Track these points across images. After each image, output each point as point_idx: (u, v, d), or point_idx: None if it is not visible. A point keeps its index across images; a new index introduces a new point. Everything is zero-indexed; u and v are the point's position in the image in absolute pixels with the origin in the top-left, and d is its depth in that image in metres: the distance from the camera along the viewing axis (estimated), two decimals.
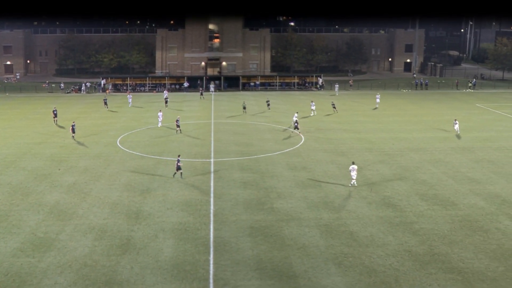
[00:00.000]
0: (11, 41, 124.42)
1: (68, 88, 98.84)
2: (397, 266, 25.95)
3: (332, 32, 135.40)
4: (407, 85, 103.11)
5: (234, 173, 41.78)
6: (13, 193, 36.80)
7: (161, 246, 28.13)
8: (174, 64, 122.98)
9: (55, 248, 27.79)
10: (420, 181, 39.67)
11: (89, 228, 30.52)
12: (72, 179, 40.01)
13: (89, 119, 66.74)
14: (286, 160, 45.66)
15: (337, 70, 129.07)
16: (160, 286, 24.03)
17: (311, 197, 35.97)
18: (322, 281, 24.44)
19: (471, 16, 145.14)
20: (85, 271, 25.30)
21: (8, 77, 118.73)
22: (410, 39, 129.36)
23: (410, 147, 50.74)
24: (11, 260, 26.43)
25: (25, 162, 45.15)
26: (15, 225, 30.98)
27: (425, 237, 29.32)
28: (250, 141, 53.16)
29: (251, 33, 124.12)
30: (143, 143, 52.15)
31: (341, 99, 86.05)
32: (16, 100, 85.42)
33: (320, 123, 63.68)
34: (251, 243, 28.49)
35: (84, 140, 53.79)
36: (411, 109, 75.49)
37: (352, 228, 30.53)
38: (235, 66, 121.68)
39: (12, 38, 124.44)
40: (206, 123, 63.36)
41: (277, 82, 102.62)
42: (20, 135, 56.16)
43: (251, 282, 24.42)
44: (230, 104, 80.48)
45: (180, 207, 33.98)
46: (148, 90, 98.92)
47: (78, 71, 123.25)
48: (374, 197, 36.04)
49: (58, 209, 33.66)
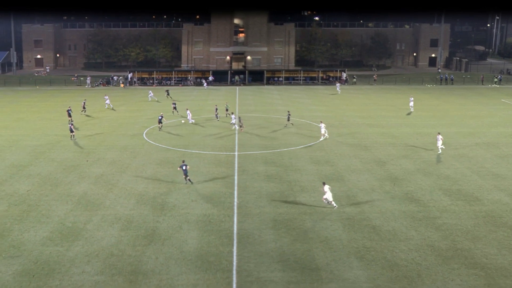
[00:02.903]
0: (41, 35, 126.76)
1: (96, 81, 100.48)
2: (420, 260, 25.93)
3: (357, 26, 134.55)
4: (432, 80, 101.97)
5: (258, 166, 42.12)
6: (42, 183, 37.75)
7: (186, 237, 28.52)
8: (200, 58, 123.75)
9: (82, 238, 28.37)
10: (443, 176, 39.47)
11: (116, 218, 31.14)
12: (99, 171, 40.85)
13: (116, 112, 67.84)
14: (310, 154, 45.84)
15: (361, 65, 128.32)
16: (184, 276, 24.35)
17: (334, 191, 35.92)
18: (344, 274, 24.56)
19: (498, 10, 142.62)
20: (111, 261, 25.78)
21: (38, 71, 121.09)
22: (436, 33, 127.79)
23: (434, 142, 50.25)
24: (40, 249, 27.05)
25: (55, 153, 46.22)
26: (45, 214, 31.76)
27: (448, 232, 29.23)
28: (274, 135, 53.45)
29: (275, 27, 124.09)
30: (168, 136, 52.85)
31: (365, 94, 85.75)
32: (46, 93, 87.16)
33: (344, 117, 63.62)
34: (274, 236, 28.75)
35: (111, 132, 54.79)
36: (435, 104, 74.78)
37: (375, 222, 30.60)
38: (259, 60, 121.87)
39: (42, 33, 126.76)
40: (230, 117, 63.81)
41: (301, 77, 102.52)
42: (49, 127, 57.41)
43: (274, 273, 24.63)
44: (254, 98, 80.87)
45: (205, 199, 34.43)
46: (173, 83, 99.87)
47: (106, 65, 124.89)
48: (397, 191, 36.01)
49: (86, 199, 34.42)
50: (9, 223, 30.35)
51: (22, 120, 62.30)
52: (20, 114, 65.49)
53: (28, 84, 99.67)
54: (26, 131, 55.87)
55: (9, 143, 50.11)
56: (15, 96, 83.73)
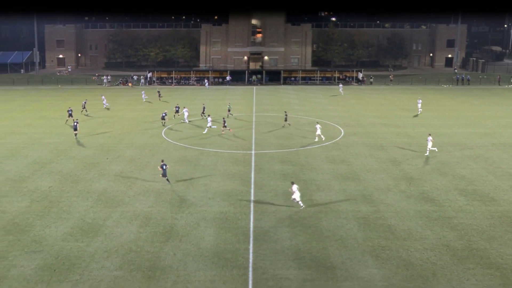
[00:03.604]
0: (63, 35, 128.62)
1: (116, 80, 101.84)
2: (435, 260, 25.97)
3: (373, 27, 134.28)
4: (448, 81, 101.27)
5: (274, 165, 42.45)
6: (64, 180, 38.50)
7: (203, 234, 28.85)
8: (218, 58, 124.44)
9: (102, 234, 28.86)
10: (459, 176, 39.43)
11: (135, 215, 31.63)
12: (119, 168, 41.50)
13: (135, 110, 68.69)
14: (325, 153, 46.05)
15: (378, 65, 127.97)
16: (201, 272, 24.63)
17: (350, 190, 36.30)
18: (359, 273, 24.68)
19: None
20: (130, 256, 26.16)
21: (60, 70, 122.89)
22: (452, 34, 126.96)
23: (450, 142, 50.27)
24: (61, 244, 27.54)
25: (75, 151, 47.05)
26: (66, 210, 32.38)
27: (463, 232, 29.25)
28: (290, 134, 53.72)
29: (293, 28, 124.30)
30: (186, 134, 53.42)
31: (381, 94, 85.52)
32: (68, 92, 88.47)
33: (360, 117, 63.65)
34: (289, 234, 28.99)
35: (130, 131, 55.54)
36: (452, 104, 74.39)
37: (390, 222, 30.73)
38: (277, 60, 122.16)
39: (64, 33, 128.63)
40: (248, 116, 64.25)
41: (318, 77, 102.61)
42: (71, 125, 58.30)
43: (289, 271, 24.83)
44: (271, 98, 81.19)
45: (222, 197, 34.83)
46: (192, 83, 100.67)
47: (126, 65, 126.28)
48: (413, 191, 36.08)
49: (106, 196, 35.03)
50: (31, 218, 31.04)
51: (44, 118, 63.42)
52: (43, 113, 66.61)
53: (50, 83, 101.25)
54: (48, 129, 56.91)
55: (32, 140, 51.14)
56: (37, 95, 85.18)
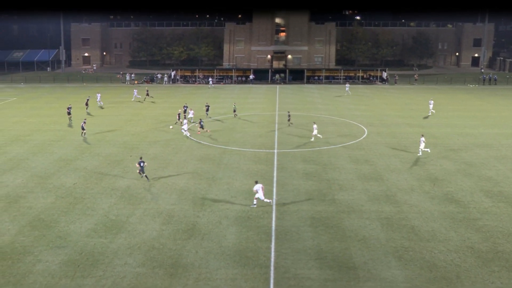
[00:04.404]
0: (89, 34, 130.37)
1: (140, 79, 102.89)
2: (459, 262, 25.63)
3: (398, 26, 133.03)
4: (474, 80, 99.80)
5: (297, 164, 42.34)
6: (88, 177, 38.98)
7: (225, 232, 28.92)
8: (241, 57, 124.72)
9: (125, 230, 29.11)
10: (485, 178, 38.83)
11: (157, 212, 31.86)
12: None
13: (158, 108, 69.21)
14: (349, 153, 45.78)
15: (402, 64, 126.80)
16: (223, 270, 24.70)
17: (373, 190, 36.03)
18: (382, 274, 24.48)
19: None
20: (152, 253, 26.35)
21: (85, 68, 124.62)
22: (479, 33, 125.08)
23: (475, 142, 49.54)
24: (85, 240, 27.88)
25: (100, 148, 47.59)
26: (90, 207, 32.77)
27: (488, 234, 28.81)
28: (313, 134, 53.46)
29: (316, 27, 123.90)
30: (209, 133, 53.58)
31: (406, 94, 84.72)
32: (93, 90, 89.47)
33: (384, 117, 63.15)
34: (312, 233, 28.90)
35: (154, 128, 55.96)
36: (478, 104, 73.31)
37: (414, 222, 30.41)
38: (300, 59, 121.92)
39: (90, 31, 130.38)
40: (271, 115, 64.21)
41: (342, 76, 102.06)
42: (95, 123, 59.01)
43: (311, 271, 24.74)
44: (294, 97, 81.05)
45: (244, 195, 34.85)
46: (215, 81, 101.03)
47: (150, 63, 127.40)
48: (437, 192, 35.64)
49: (129, 193, 35.35)
50: (56, 214, 31.49)
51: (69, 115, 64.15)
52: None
53: (76, 81, 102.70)
54: (73, 126, 57.64)
55: (58, 137, 51.89)
56: (63, 93, 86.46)
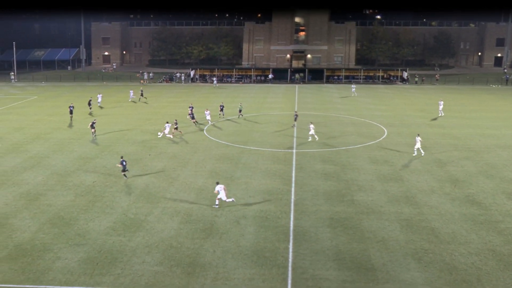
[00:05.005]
0: (109, 33, 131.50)
1: (160, 78, 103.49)
2: (480, 265, 25.26)
3: (420, 25, 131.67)
4: (497, 81, 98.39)
5: (316, 164, 42.13)
6: (107, 175, 39.22)
7: (243, 232, 28.87)
8: (260, 56, 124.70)
9: (143, 229, 29.23)
10: (507, 180, 38.17)
11: (176, 211, 31.93)
12: (161, 165, 42.00)
13: (178, 108, 69.48)
14: (368, 153, 45.42)
15: (423, 64, 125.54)
16: (240, 270, 24.66)
17: (392, 191, 35.67)
18: (401, 276, 24.24)
19: None
20: (170, 252, 26.42)
21: (105, 67, 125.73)
22: (502, 33, 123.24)
23: (497, 144, 48.79)
24: (104, 238, 28.07)
25: (119, 147, 47.90)
26: (109, 205, 32.98)
27: (510, 237, 28.29)
28: (332, 134, 53.25)
29: (336, 26, 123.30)
30: (228, 132, 53.65)
31: (427, 94, 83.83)
32: (112, 88, 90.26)
33: (404, 117, 62.58)
34: (330, 234, 28.72)
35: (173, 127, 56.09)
36: (500, 105, 72.25)
37: (434, 224, 30.03)
38: (319, 59, 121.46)
39: (110, 30, 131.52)
40: (290, 115, 63.99)
41: (361, 76, 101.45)
42: (114, 121, 59.48)
43: (329, 272, 24.59)
44: (313, 97, 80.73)
45: (262, 195, 34.78)
46: (234, 81, 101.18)
47: (169, 62, 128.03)
48: (458, 193, 35.15)
49: (148, 192, 35.50)
50: (76, 212, 31.74)
51: (89, 114, 64.78)
52: (87, 109, 68.01)
53: (96, 80, 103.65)
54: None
55: (78, 135, 52.37)
56: (83, 91, 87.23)
